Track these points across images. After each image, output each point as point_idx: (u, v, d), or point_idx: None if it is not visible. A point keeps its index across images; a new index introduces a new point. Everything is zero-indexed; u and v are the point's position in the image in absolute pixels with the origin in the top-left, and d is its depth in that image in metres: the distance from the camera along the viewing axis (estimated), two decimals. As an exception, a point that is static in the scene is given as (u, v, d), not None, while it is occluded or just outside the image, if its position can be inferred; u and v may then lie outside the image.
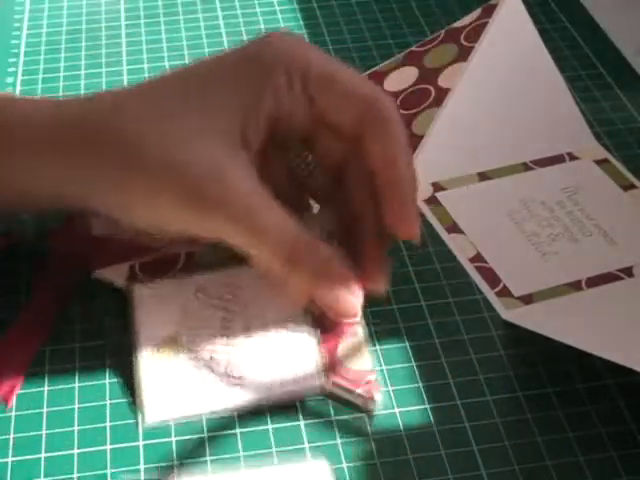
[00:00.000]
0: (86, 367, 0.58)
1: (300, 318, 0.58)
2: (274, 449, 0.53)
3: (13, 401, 0.56)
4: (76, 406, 0.56)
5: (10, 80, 0.83)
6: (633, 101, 0.80)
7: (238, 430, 0.54)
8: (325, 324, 0.58)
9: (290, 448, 0.53)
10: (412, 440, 0.54)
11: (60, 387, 0.57)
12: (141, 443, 0.54)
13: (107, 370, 0.58)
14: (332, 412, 0.55)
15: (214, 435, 0.54)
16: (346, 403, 0.56)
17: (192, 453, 0.53)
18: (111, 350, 0.59)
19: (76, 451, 0.53)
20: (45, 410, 0.56)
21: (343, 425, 0.55)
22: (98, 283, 0.62)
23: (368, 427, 0.54)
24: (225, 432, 0.54)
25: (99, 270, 0.62)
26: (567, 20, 0.90)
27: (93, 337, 0.60)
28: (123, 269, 0.61)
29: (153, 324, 0.58)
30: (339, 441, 0.54)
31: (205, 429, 0.55)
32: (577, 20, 0.90)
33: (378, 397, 0.55)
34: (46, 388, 0.57)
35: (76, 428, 0.55)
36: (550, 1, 0.93)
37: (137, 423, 0.55)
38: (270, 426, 0.55)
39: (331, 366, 0.56)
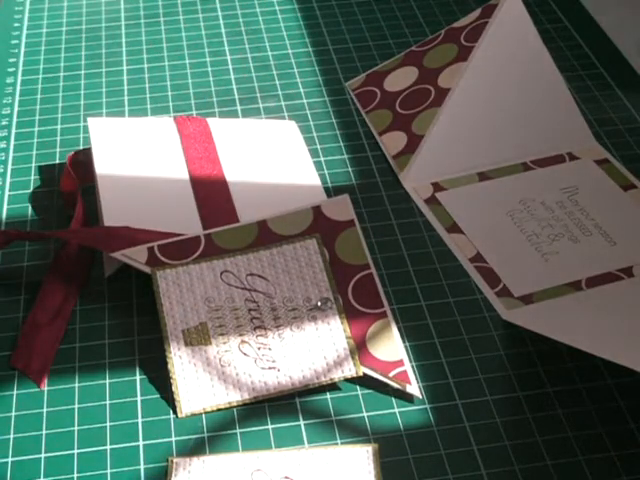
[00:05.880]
0: (87, 367, 0.58)
1: (327, 303, 0.59)
2: (274, 449, 0.53)
3: (45, 382, 0.57)
4: (76, 406, 0.56)
5: (10, 80, 0.83)
6: (633, 101, 0.80)
7: (238, 430, 0.55)
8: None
9: (290, 448, 0.53)
10: (412, 440, 0.54)
11: (60, 387, 0.57)
12: (141, 443, 0.54)
13: (107, 370, 0.58)
14: (332, 412, 0.55)
15: (214, 435, 0.54)
16: (382, 385, 0.56)
17: (193, 452, 0.53)
18: (112, 350, 0.59)
19: (76, 451, 0.54)
20: (45, 410, 0.56)
21: (343, 425, 0.55)
22: (125, 278, 0.63)
23: (368, 427, 0.55)
24: (225, 432, 0.54)
25: (118, 252, 0.61)
26: (567, 20, 0.91)
27: (96, 337, 0.60)
28: (142, 251, 0.61)
29: (180, 315, 0.58)
30: (339, 441, 0.54)
31: (205, 429, 0.55)
32: (577, 20, 0.91)
33: (412, 383, 0.56)
34: (46, 389, 0.57)
35: (76, 428, 0.55)
36: (550, 1, 0.93)
37: (137, 423, 0.55)
38: (270, 426, 0.55)
39: (361, 352, 0.57)
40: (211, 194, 0.67)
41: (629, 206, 0.69)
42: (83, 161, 0.71)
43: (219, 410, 0.55)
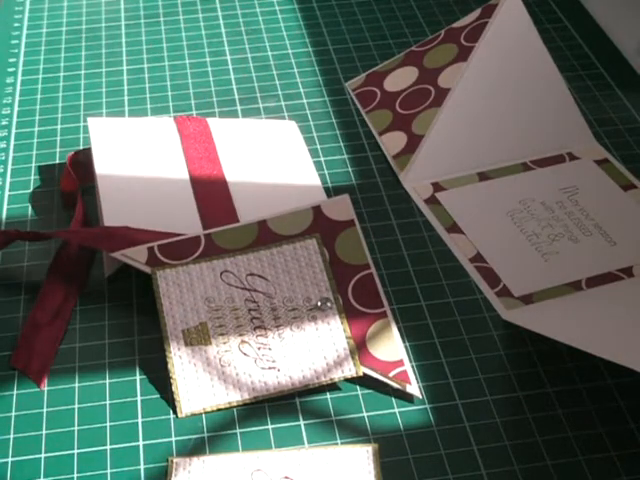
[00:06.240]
0: (87, 367, 0.58)
1: (327, 303, 0.59)
2: (274, 449, 0.53)
3: (45, 382, 0.57)
4: (76, 406, 0.56)
5: (10, 80, 0.83)
6: (633, 101, 0.80)
7: (238, 430, 0.55)
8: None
9: (290, 448, 0.53)
10: (412, 440, 0.54)
11: (60, 387, 0.57)
12: (141, 443, 0.54)
13: (107, 370, 0.58)
14: (332, 412, 0.55)
15: (214, 435, 0.54)
16: (382, 385, 0.57)
17: (193, 452, 0.53)
18: (112, 350, 0.59)
19: (76, 451, 0.53)
20: (45, 410, 0.56)
21: (343, 425, 0.55)
22: (125, 278, 0.63)
23: (368, 427, 0.55)
24: (225, 432, 0.54)
25: (118, 252, 0.61)
26: (567, 20, 0.91)
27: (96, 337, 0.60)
28: (142, 251, 0.61)
29: (180, 315, 0.58)
30: (339, 441, 0.54)
31: (205, 429, 0.55)
32: (577, 20, 0.91)
33: (412, 383, 0.56)
34: (46, 389, 0.57)
35: (76, 428, 0.55)
36: (550, 1, 0.93)
37: (137, 423, 0.55)
38: (270, 426, 0.55)
39: (361, 352, 0.57)
40: (211, 194, 0.67)
41: (629, 206, 0.69)
42: (83, 161, 0.72)
43: (219, 410, 0.55)
